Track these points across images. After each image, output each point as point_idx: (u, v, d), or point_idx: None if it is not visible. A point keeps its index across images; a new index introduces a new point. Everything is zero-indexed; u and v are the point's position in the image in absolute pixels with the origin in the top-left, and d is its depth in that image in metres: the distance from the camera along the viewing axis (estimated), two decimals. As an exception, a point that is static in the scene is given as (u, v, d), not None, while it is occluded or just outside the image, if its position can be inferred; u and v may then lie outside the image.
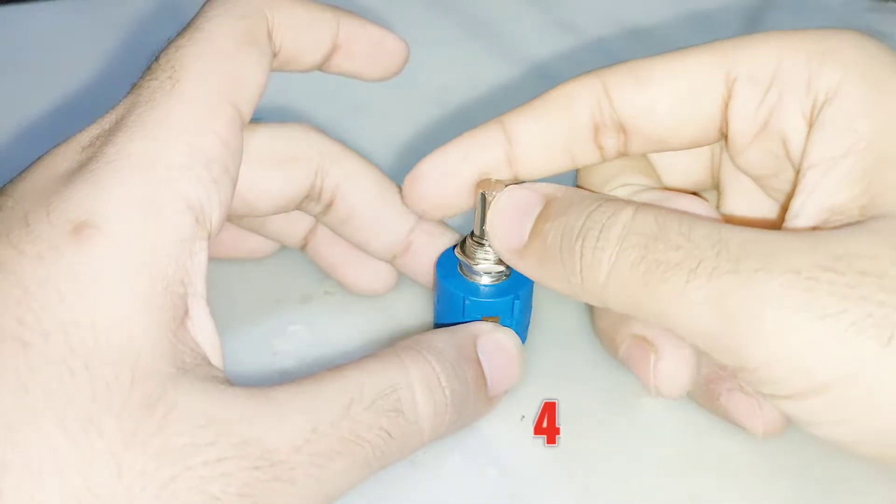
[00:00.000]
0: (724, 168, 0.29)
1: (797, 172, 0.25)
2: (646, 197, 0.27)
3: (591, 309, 0.31)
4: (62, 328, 0.21)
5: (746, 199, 0.29)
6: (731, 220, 0.28)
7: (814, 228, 0.24)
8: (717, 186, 0.30)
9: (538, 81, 0.44)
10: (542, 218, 0.26)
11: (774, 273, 0.21)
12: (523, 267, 0.26)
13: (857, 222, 0.23)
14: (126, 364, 0.21)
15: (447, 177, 0.28)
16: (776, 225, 0.26)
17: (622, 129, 0.27)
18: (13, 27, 0.46)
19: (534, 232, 0.26)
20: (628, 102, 0.27)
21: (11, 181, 0.24)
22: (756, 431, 0.27)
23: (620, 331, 0.28)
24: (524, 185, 0.27)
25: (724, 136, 0.27)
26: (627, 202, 0.25)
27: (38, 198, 0.22)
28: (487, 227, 0.27)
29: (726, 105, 0.26)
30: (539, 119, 0.27)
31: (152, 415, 0.21)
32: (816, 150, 0.25)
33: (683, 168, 0.29)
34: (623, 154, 0.28)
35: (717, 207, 0.29)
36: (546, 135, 0.27)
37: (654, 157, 0.29)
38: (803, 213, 0.24)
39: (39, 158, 0.24)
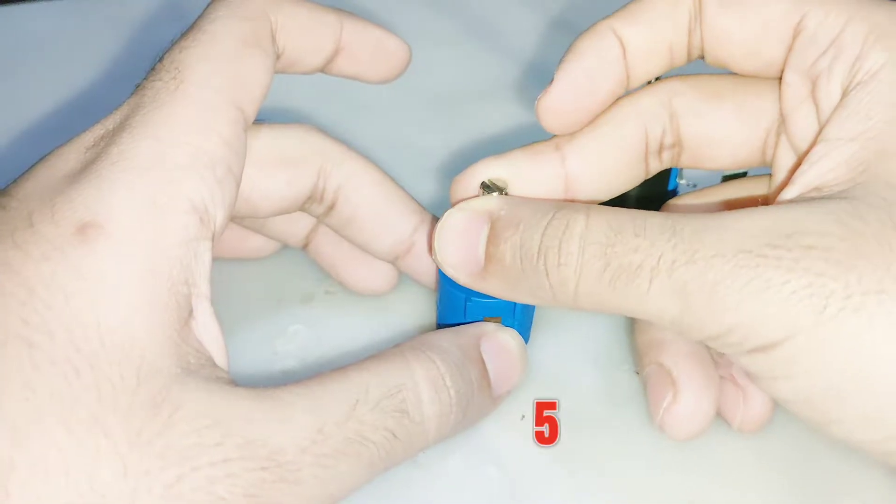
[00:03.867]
0: (780, 145, 0.28)
1: (813, 142, 0.26)
2: None
3: (631, 321, 0.31)
4: (67, 328, 0.21)
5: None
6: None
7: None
8: (770, 163, 0.29)
9: (538, 81, 0.44)
10: (493, 240, 0.26)
11: (728, 256, 0.23)
12: (485, 288, 0.26)
13: (820, 198, 0.24)
14: (131, 364, 0.21)
15: (585, 91, 0.27)
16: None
17: (702, 41, 0.27)
18: (14, 27, 0.46)
19: (489, 256, 0.26)
20: (710, 20, 0.27)
21: (15, 181, 0.24)
22: (732, 423, 0.28)
23: (649, 354, 0.28)
24: (461, 206, 0.26)
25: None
26: (577, 209, 0.25)
27: (43, 198, 0.22)
28: (436, 256, 0.27)
29: (787, 53, 0.27)
30: (649, 23, 0.27)
31: (157, 415, 0.21)
32: (832, 127, 0.25)
33: (734, 141, 0.29)
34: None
35: (770, 185, 0.29)
36: (655, 37, 0.27)
37: (704, 125, 0.29)
38: (798, 182, 0.25)
39: (43, 158, 0.24)
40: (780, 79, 0.27)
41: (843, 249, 0.22)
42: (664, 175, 0.32)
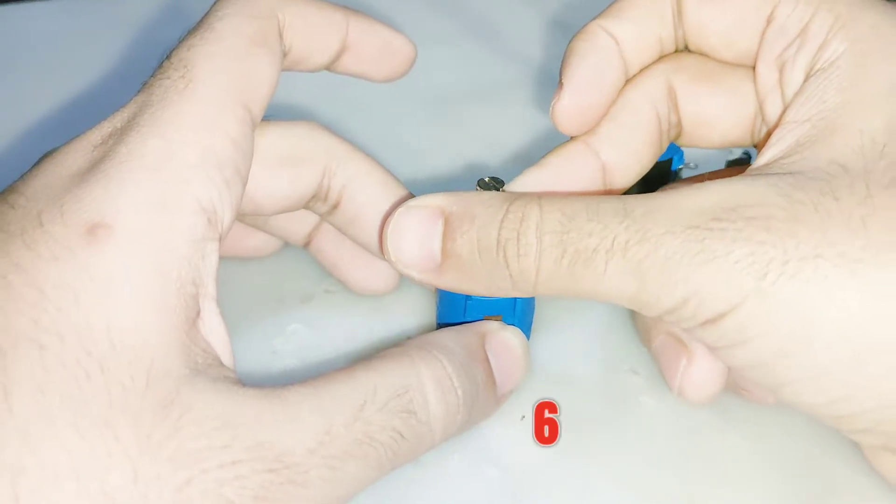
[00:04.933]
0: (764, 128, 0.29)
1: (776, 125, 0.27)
2: None
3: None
4: (77, 330, 0.21)
5: None
6: None
7: None
8: (756, 144, 0.30)
9: (538, 81, 0.44)
10: (448, 236, 0.26)
11: (677, 232, 0.23)
12: (442, 283, 0.26)
13: (763, 174, 0.24)
14: (141, 366, 0.21)
15: (595, 89, 0.28)
16: None
17: (684, 33, 0.28)
18: (14, 27, 0.46)
19: (446, 252, 0.26)
20: (689, 14, 0.28)
21: (23, 178, 0.24)
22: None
23: (658, 325, 0.28)
24: (411, 205, 0.26)
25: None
26: (529, 199, 0.25)
27: (51, 197, 0.22)
28: (389, 256, 0.27)
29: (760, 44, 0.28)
30: (636, 19, 0.28)
31: (167, 417, 0.21)
32: (790, 111, 0.26)
33: (726, 123, 0.29)
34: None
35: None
36: (644, 32, 0.28)
37: (699, 106, 0.29)
38: (757, 161, 0.26)
39: (50, 155, 0.24)
40: (754, 68, 0.28)
41: (782, 218, 0.23)
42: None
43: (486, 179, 0.27)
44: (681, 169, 0.33)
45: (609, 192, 0.28)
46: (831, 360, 0.23)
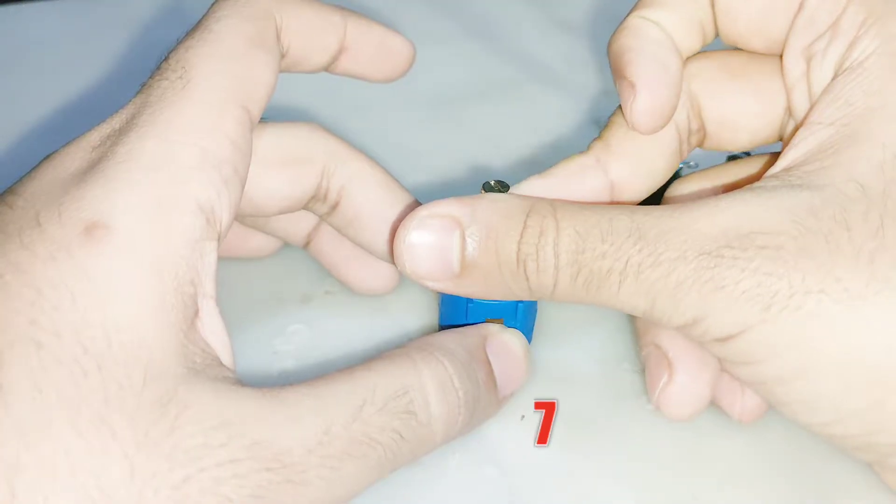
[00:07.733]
0: (790, 122, 0.29)
1: (800, 123, 0.27)
2: None
3: None
4: (74, 329, 0.21)
5: None
6: None
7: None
8: (783, 139, 0.29)
9: (538, 81, 0.44)
10: (467, 249, 0.26)
11: (689, 258, 0.24)
12: (459, 291, 0.26)
13: (782, 187, 0.25)
14: (138, 365, 0.21)
15: (666, 83, 0.27)
16: None
17: (715, 20, 0.28)
18: (15, 27, 0.46)
19: (465, 264, 0.26)
20: (722, 2, 0.28)
21: (21, 180, 0.24)
22: (731, 414, 0.28)
23: (648, 334, 0.28)
24: (424, 216, 0.26)
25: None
26: (546, 213, 0.25)
27: (49, 198, 0.22)
28: (405, 269, 0.26)
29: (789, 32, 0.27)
30: (674, 6, 0.28)
31: (164, 416, 0.21)
32: (816, 111, 0.26)
33: (755, 122, 0.29)
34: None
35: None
36: (684, 17, 0.28)
37: (723, 107, 0.29)
38: (779, 164, 0.26)
39: (49, 157, 0.24)
40: (781, 57, 0.28)
41: (792, 249, 0.23)
42: None
43: (492, 183, 0.27)
44: (681, 168, 0.33)
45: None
46: (824, 390, 0.24)
